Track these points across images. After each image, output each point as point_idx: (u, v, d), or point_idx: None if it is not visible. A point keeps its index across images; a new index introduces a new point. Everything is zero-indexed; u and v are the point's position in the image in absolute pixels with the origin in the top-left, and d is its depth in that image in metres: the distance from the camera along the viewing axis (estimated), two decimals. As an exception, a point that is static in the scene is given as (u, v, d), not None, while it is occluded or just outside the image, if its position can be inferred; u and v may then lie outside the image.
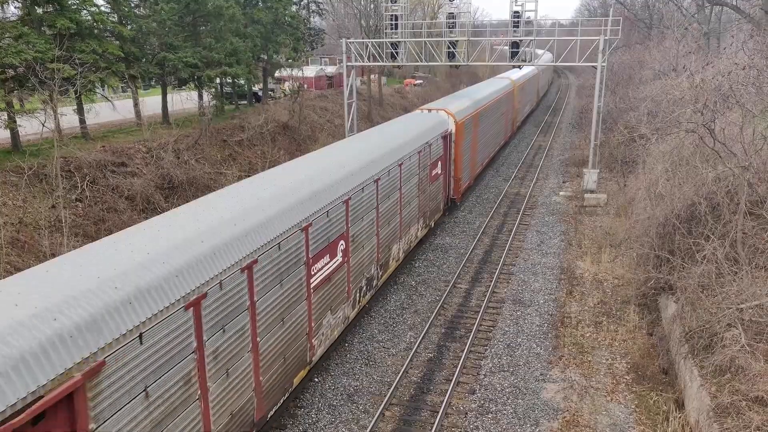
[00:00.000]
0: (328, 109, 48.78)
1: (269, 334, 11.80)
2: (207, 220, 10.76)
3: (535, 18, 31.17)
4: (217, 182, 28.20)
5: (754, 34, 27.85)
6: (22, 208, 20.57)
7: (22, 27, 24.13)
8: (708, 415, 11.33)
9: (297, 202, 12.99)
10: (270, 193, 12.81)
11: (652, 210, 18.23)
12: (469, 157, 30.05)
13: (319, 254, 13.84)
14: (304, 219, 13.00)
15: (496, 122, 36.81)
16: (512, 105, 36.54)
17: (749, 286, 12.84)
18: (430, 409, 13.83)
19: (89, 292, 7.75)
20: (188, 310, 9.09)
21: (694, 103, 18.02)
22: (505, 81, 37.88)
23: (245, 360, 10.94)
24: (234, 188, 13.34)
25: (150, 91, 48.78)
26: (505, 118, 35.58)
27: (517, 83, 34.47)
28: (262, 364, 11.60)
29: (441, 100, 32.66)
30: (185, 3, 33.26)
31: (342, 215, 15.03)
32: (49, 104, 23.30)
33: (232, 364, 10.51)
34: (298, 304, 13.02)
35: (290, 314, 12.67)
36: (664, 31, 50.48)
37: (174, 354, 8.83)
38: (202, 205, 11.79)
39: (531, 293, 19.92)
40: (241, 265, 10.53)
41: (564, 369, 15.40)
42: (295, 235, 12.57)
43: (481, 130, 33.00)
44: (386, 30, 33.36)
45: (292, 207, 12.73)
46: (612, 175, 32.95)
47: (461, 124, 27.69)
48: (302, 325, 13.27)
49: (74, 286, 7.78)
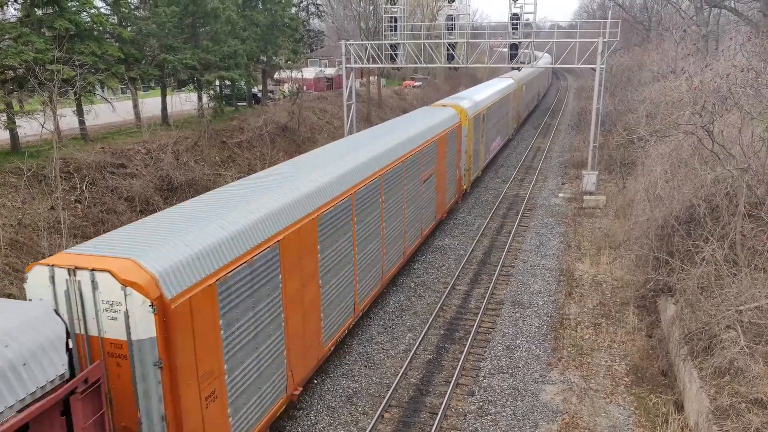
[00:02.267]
0: (327, 110, 48.80)
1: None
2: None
3: (534, 20, 31.20)
4: (216, 183, 28.16)
5: (752, 37, 27.91)
6: (21, 210, 20.56)
7: (22, 28, 24.13)
8: (707, 417, 11.34)
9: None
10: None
11: (651, 212, 18.25)
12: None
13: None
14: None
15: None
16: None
17: (748, 288, 12.85)
18: (430, 411, 13.82)
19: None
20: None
21: (693, 105, 18.04)
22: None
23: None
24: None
25: (149, 93, 48.77)
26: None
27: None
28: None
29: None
30: (185, 5, 33.28)
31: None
32: (49, 105, 23.27)
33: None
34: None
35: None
36: (663, 34, 50.57)
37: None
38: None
39: (530, 295, 19.92)
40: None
41: (563, 371, 15.40)
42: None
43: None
44: (385, 32, 33.37)
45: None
46: (611, 177, 32.99)
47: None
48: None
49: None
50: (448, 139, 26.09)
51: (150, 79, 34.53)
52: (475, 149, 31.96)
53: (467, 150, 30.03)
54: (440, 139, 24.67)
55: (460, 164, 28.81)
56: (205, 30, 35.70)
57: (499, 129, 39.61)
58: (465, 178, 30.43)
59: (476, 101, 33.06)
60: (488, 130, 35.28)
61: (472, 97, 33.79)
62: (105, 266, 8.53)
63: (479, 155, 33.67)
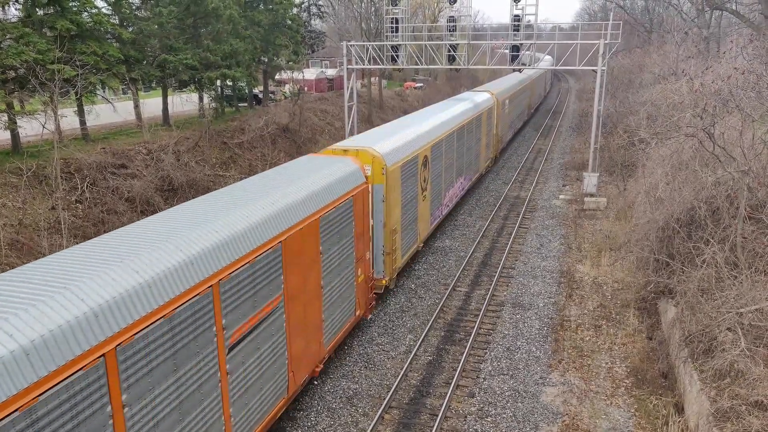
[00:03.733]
0: (328, 111, 48.83)
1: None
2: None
3: (536, 22, 31.22)
4: (217, 184, 28.18)
5: (754, 39, 27.88)
6: (22, 210, 20.57)
7: (23, 28, 24.15)
8: (708, 420, 11.32)
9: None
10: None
11: (652, 214, 18.23)
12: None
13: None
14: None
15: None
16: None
17: (749, 291, 12.84)
18: (430, 413, 13.81)
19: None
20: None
21: (694, 108, 18.03)
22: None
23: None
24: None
25: (150, 93, 48.79)
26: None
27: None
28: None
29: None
30: (186, 5, 33.30)
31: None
32: (50, 106, 23.29)
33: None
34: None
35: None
36: (664, 36, 50.56)
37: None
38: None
39: (530, 296, 19.91)
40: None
41: (563, 373, 15.38)
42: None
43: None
44: (387, 33, 33.40)
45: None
46: (612, 179, 32.98)
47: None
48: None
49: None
50: (339, 215, 14.94)
51: (151, 80, 34.57)
52: (402, 218, 19.92)
53: (384, 223, 18.26)
54: (304, 229, 13.01)
55: (365, 254, 17.15)
56: (206, 30, 35.74)
57: (461, 167, 28.58)
58: (385, 269, 18.63)
59: (406, 140, 20.85)
60: (434, 177, 24.02)
61: (401, 133, 21.39)
62: None
63: (413, 223, 21.33)
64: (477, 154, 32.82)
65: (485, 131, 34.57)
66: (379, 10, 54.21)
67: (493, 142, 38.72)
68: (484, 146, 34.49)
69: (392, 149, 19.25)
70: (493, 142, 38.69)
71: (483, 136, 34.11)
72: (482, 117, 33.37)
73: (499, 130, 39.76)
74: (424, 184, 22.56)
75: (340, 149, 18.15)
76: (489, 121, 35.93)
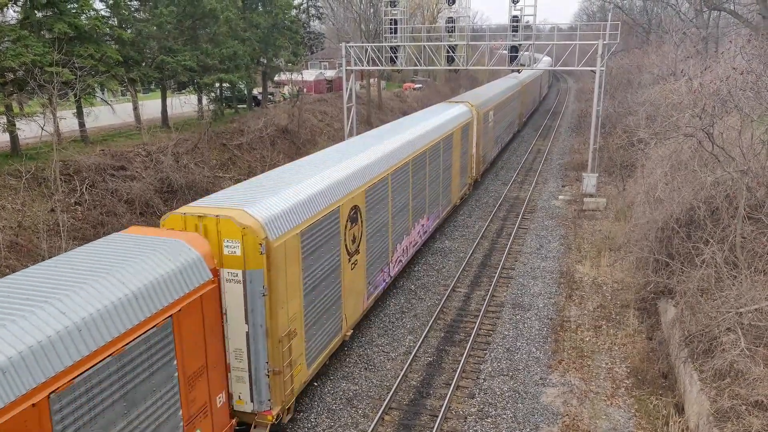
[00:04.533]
0: (327, 112, 48.84)
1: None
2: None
3: (534, 22, 31.25)
4: (216, 186, 28.17)
5: (752, 39, 27.92)
6: (21, 212, 20.55)
7: (21, 30, 24.14)
8: (708, 420, 11.32)
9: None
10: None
11: (651, 214, 18.24)
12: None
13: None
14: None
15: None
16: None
17: (748, 290, 12.84)
18: (430, 414, 13.80)
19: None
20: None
21: (693, 108, 18.05)
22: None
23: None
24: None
25: (149, 95, 48.81)
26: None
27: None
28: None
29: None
30: (183, 6, 33.30)
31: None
32: (49, 108, 23.30)
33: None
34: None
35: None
36: (663, 36, 50.61)
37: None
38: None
39: (530, 297, 19.91)
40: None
41: (564, 373, 15.38)
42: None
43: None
44: (386, 34, 33.43)
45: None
46: (611, 179, 32.99)
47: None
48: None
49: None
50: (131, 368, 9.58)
51: (150, 82, 34.58)
52: (307, 309, 13.59)
53: (267, 330, 11.92)
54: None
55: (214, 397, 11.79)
56: (204, 32, 35.74)
57: (420, 206, 22.79)
58: (273, 396, 12.37)
59: (318, 189, 14.38)
60: (374, 231, 17.78)
61: (313, 178, 14.81)
62: None
63: (331, 308, 14.99)
64: (447, 183, 26.55)
65: (458, 154, 28.29)
66: (378, 11, 54.24)
67: (472, 165, 32.07)
68: (456, 172, 28.29)
69: (286, 208, 12.73)
70: (472, 164, 32.03)
71: (456, 160, 27.84)
72: (453, 136, 26.99)
73: (479, 150, 33.23)
74: (353, 246, 15.98)
75: (194, 215, 11.60)
76: (465, 140, 29.52)
